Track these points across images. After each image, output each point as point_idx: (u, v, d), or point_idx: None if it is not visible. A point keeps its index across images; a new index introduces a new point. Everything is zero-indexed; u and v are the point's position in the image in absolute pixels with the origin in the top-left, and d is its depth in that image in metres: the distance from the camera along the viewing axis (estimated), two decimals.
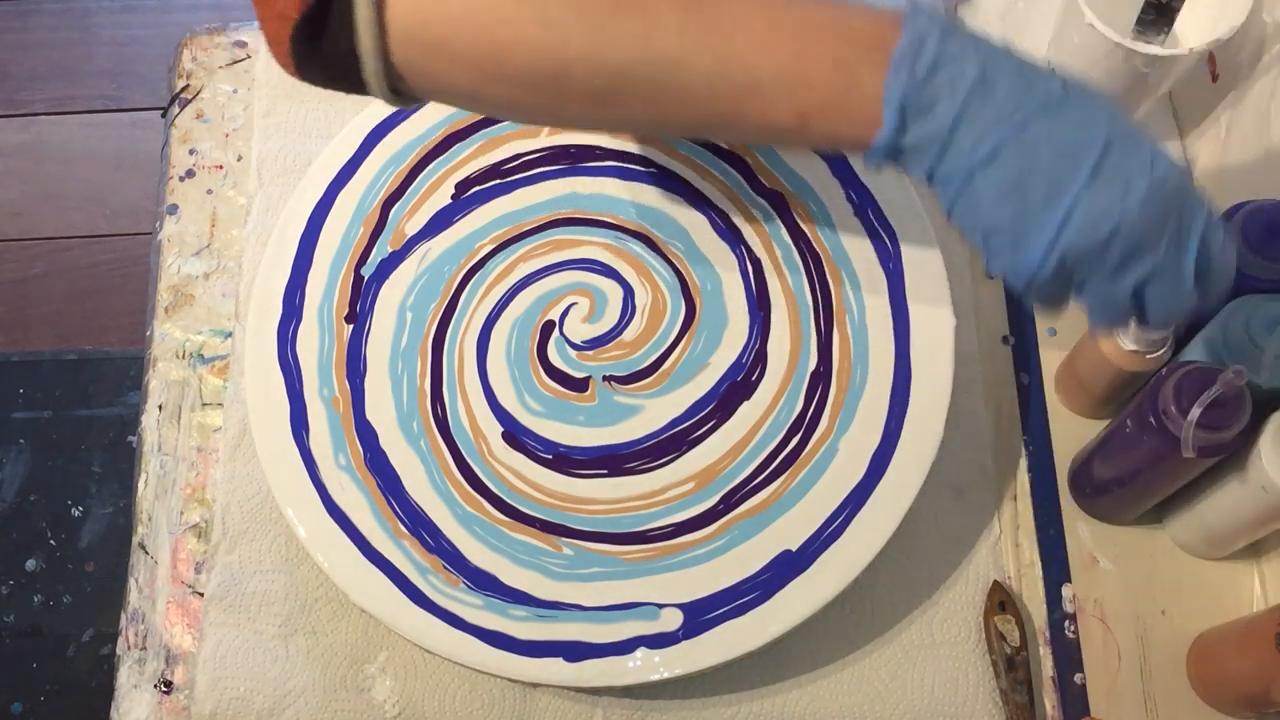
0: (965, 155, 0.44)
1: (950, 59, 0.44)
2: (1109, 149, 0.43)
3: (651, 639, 0.63)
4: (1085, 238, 0.43)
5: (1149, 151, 0.44)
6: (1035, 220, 0.44)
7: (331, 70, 0.48)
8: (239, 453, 0.72)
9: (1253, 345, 0.59)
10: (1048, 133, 0.43)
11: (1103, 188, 0.43)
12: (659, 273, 0.72)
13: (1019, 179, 0.44)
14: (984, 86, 0.44)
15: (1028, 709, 0.65)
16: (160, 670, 0.68)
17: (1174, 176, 0.44)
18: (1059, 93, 0.44)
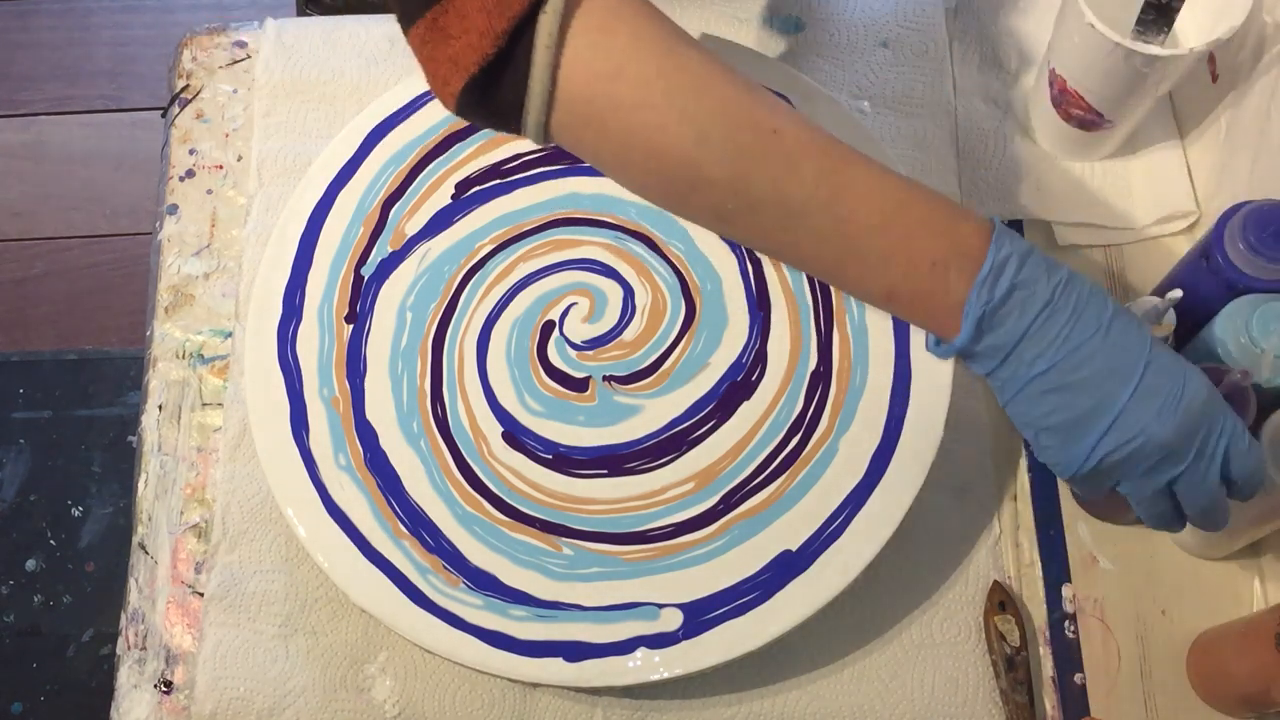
0: (1025, 366, 0.51)
1: (1024, 283, 0.50)
2: (1147, 371, 0.50)
3: (651, 639, 0.63)
4: (1123, 447, 0.50)
5: (1182, 373, 0.51)
6: (1081, 428, 0.51)
7: (493, 117, 0.51)
8: (239, 453, 0.72)
9: (1253, 345, 0.59)
10: (1097, 354, 0.50)
11: (1140, 405, 0.50)
12: (659, 273, 0.72)
13: (1068, 391, 0.51)
14: (1049, 311, 0.50)
15: (1028, 709, 0.65)
16: (160, 670, 0.68)
17: (1203, 396, 0.50)
18: (1108, 319, 0.50)
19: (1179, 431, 0.50)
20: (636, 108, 0.49)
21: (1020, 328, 0.50)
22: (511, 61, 0.48)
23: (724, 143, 0.50)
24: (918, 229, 0.51)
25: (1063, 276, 0.51)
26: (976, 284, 0.50)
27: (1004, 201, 0.76)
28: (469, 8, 0.47)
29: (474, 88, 0.49)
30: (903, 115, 0.79)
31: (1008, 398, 0.53)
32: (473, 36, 0.48)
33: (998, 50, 0.81)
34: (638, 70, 0.49)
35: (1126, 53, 0.65)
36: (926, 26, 0.82)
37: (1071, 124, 0.74)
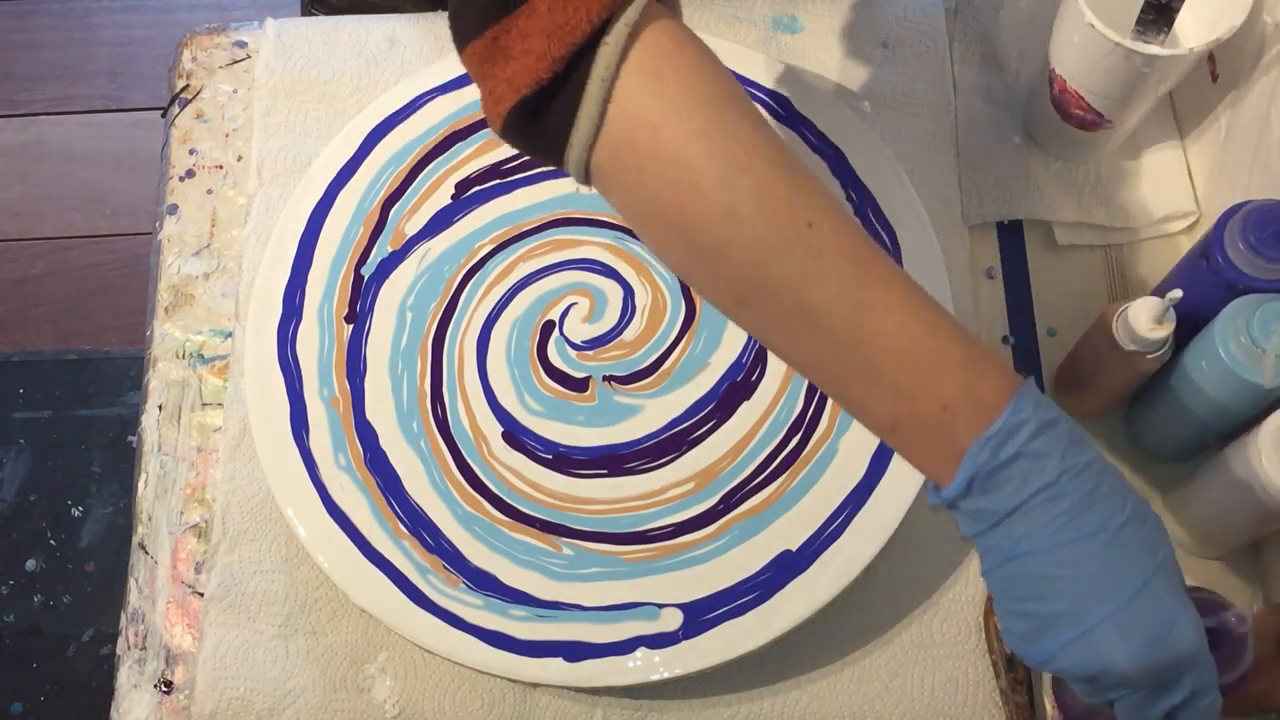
0: (1012, 542, 0.46)
1: (1033, 454, 0.45)
2: (1138, 596, 0.45)
3: (651, 639, 0.63)
4: (1080, 666, 0.46)
5: (1176, 612, 0.46)
6: (1046, 629, 0.46)
7: (537, 144, 0.49)
8: (239, 453, 0.72)
9: (1253, 345, 0.59)
10: (1086, 559, 0.45)
11: (1111, 632, 0.45)
12: (659, 273, 0.72)
13: (1044, 585, 0.46)
14: (1051, 493, 0.46)
15: (1028, 709, 0.65)
16: (160, 670, 0.68)
17: (1189, 645, 0.45)
18: (1118, 525, 0.46)
19: (1144, 673, 0.45)
20: (674, 162, 0.47)
21: (1014, 500, 0.46)
22: (566, 88, 0.47)
23: (754, 220, 0.47)
24: (937, 366, 0.47)
25: (1081, 462, 0.46)
26: (980, 439, 0.46)
27: (1004, 201, 0.76)
28: (531, 29, 0.46)
29: (523, 110, 0.47)
30: (903, 115, 0.79)
31: (986, 567, 0.49)
32: (530, 59, 0.46)
33: (998, 50, 0.81)
34: (683, 124, 0.47)
35: (1126, 53, 0.65)
36: (926, 26, 0.82)
37: (1071, 124, 0.74)
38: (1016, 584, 0.47)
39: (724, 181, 0.47)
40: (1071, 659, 0.46)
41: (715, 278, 0.50)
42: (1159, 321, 0.61)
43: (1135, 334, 0.62)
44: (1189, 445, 0.67)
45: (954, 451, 0.47)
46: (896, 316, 0.47)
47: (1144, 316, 0.61)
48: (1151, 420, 0.69)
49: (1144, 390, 0.69)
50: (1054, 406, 0.47)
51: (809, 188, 0.48)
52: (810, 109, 0.74)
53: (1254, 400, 0.60)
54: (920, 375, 0.47)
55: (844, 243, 0.47)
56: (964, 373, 0.47)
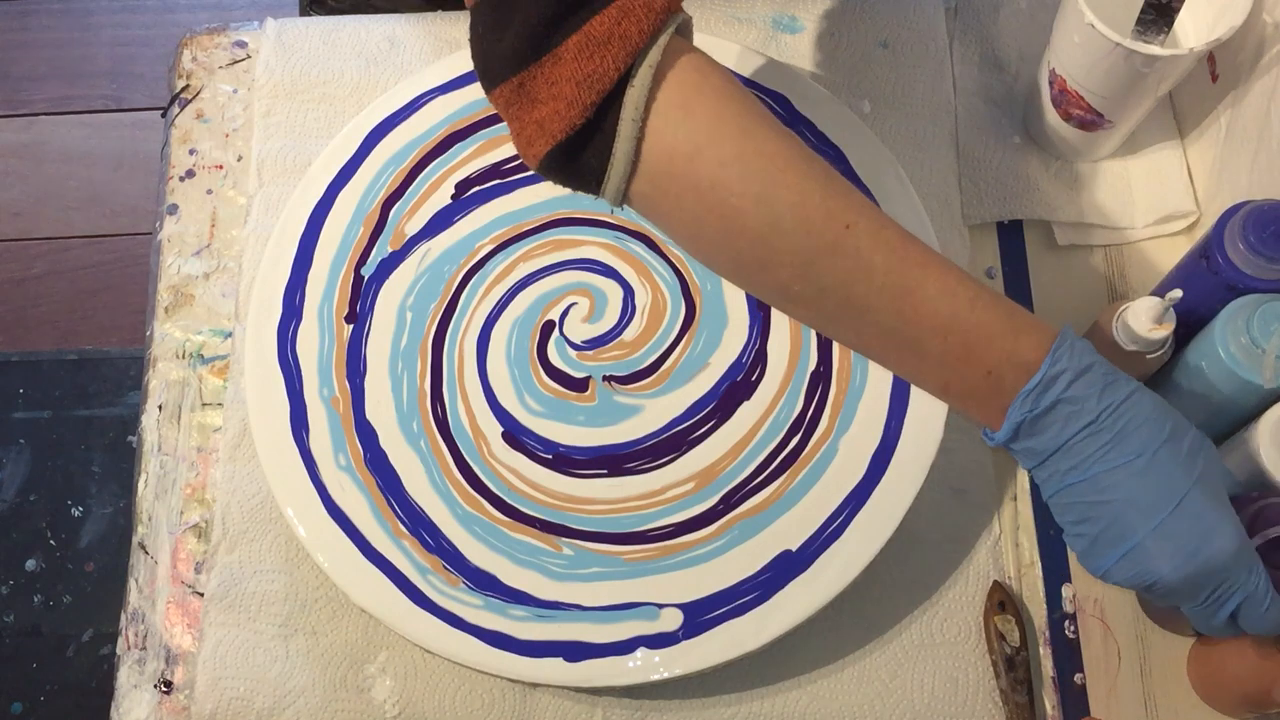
0: (1060, 475, 0.52)
1: (1072, 399, 0.51)
2: (1175, 512, 0.50)
3: (651, 639, 0.63)
4: (1133, 577, 0.52)
5: (1213, 522, 0.50)
6: (1099, 546, 0.52)
7: (574, 180, 0.52)
8: (239, 453, 0.72)
9: (1253, 345, 0.59)
10: (1125, 483, 0.51)
11: (1154, 546, 0.50)
12: (659, 273, 0.72)
13: (1092, 510, 0.52)
14: (1093, 429, 0.51)
15: (1028, 709, 0.65)
16: (160, 670, 0.68)
17: (1228, 551, 0.50)
18: (1154, 449, 0.51)
19: (1188, 582, 0.51)
20: (713, 188, 0.50)
21: (1059, 440, 0.51)
22: (599, 131, 0.49)
23: (796, 232, 0.50)
24: (979, 336, 0.51)
25: (1117, 399, 0.51)
26: (1021, 394, 0.51)
27: (1004, 201, 0.76)
28: (559, 75, 0.48)
29: (559, 153, 0.50)
30: (903, 115, 0.79)
31: (1046, 495, 0.54)
32: (560, 104, 0.49)
33: (998, 50, 0.81)
34: (715, 152, 0.50)
35: (1126, 53, 0.65)
36: (926, 26, 0.82)
37: (1071, 124, 0.74)
38: (1071, 509, 0.53)
39: (762, 199, 0.50)
40: (1123, 573, 0.52)
41: (763, 284, 0.53)
42: (1159, 322, 0.61)
43: (1135, 334, 0.62)
44: None
45: (1002, 407, 0.52)
46: (937, 297, 0.51)
47: (1143, 317, 0.61)
48: None
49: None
50: (1090, 352, 0.51)
51: (841, 189, 0.51)
52: (810, 109, 0.75)
53: (1254, 400, 0.60)
54: (965, 347, 0.51)
55: (881, 236, 0.51)
56: (1004, 338, 0.51)
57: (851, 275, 0.51)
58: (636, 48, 0.48)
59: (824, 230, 0.50)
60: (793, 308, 0.54)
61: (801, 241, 0.50)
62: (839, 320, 0.53)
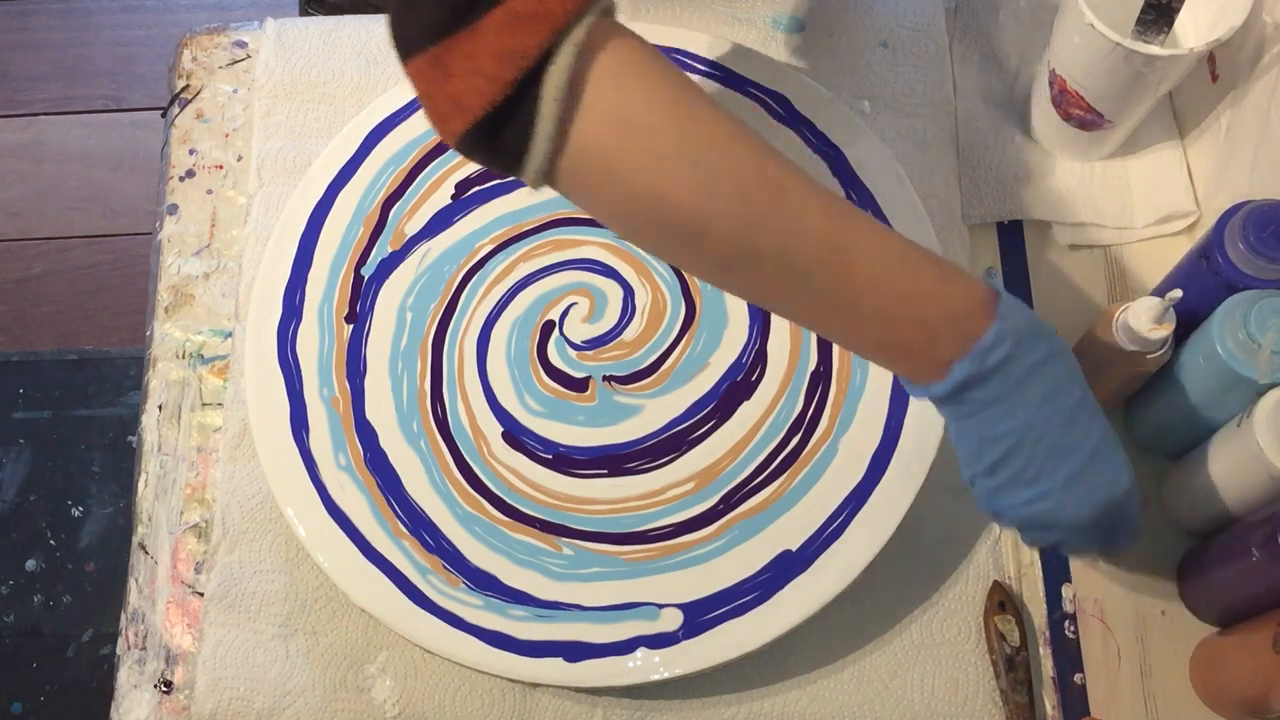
0: (987, 426, 0.53)
1: (1013, 359, 0.52)
2: (1089, 461, 0.53)
3: (651, 639, 0.63)
4: (1037, 517, 0.55)
5: (1116, 468, 0.54)
6: (1012, 489, 0.54)
7: (493, 158, 0.51)
8: (239, 453, 0.72)
9: (1250, 341, 0.59)
10: (1048, 434, 0.53)
11: (1068, 491, 0.53)
12: (659, 273, 0.72)
13: (1013, 456, 0.53)
14: (1021, 388, 0.52)
15: (1028, 709, 0.65)
16: (160, 670, 0.68)
17: (1123, 489, 0.54)
18: (1071, 405, 0.53)
19: (1092, 519, 0.54)
20: (646, 157, 0.50)
21: (994, 395, 0.52)
22: (519, 109, 0.48)
23: (732, 197, 0.50)
24: (912, 290, 0.52)
25: (1043, 355, 0.53)
26: (971, 354, 0.51)
27: (1004, 201, 0.76)
28: (477, 50, 0.47)
29: (478, 131, 0.49)
30: (903, 115, 0.79)
31: (959, 442, 0.55)
32: (479, 80, 0.48)
33: (998, 50, 0.81)
34: (649, 121, 0.49)
35: (1126, 53, 0.65)
36: (926, 26, 0.82)
37: (1071, 124, 0.74)
38: (986, 455, 0.54)
39: (699, 165, 0.49)
40: (1030, 511, 0.54)
41: (698, 254, 0.53)
42: (1159, 322, 0.61)
43: (1135, 334, 0.62)
44: (1186, 440, 0.67)
45: (935, 362, 0.52)
46: (871, 254, 0.51)
47: (1144, 317, 0.61)
48: (1149, 415, 0.69)
49: (1142, 386, 0.69)
50: (1024, 308, 0.53)
51: (771, 153, 0.51)
52: (810, 109, 0.75)
53: (1249, 395, 0.60)
54: (899, 301, 0.52)
55: (814, 197, 0.51)
56: (938, 294, 0.52)
57: (787, 238, 0.51)
58: (560, 25, 0.47)
59: (759, 194, 0.50)
60: (727, 278, 0.54)
61: (737, 207, 0.50)
62: (775, 286, 0.53)
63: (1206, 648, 0.65)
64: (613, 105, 0.49)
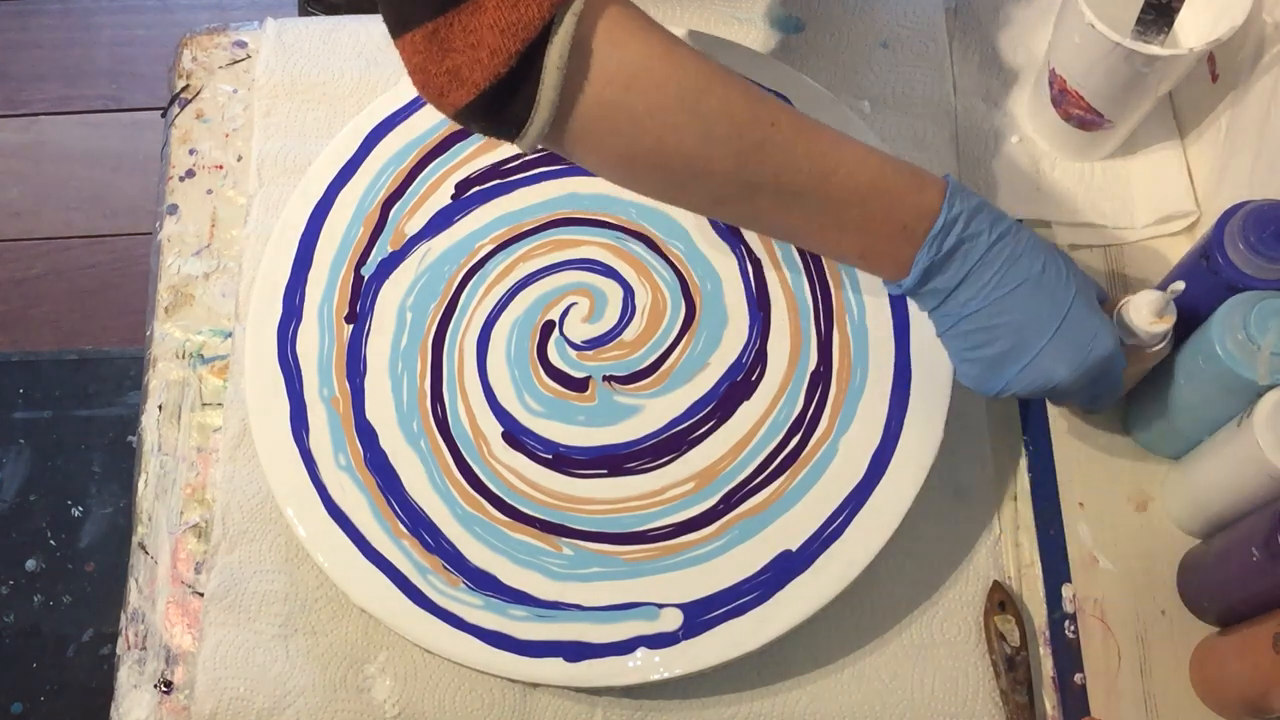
0: (959, 306, 0.59)
1: (969, 237, 0.57)
2: (1064, 323, 0.58)
3: (651, 639, 0.63)
4: (1029, 385, 0.59)
5: (1094, 327, 0.59)
6: (998, 365, 0.60)
7: (493, 127, 0.53)
8: (239, 453, 0.72)
9: (1250, 342, 0.59)
10: (1020, 304, 0.58)
11: (1051, 354, 0.58)
12: (659, 273, 0.72)
13: (991, 333, 0.59)
14: (985, 262, 0.58)
15: (1028, 709, 0.65)
16: (160, 670, 0.68)
17: (1107, 350, 0.59)
18: (1037, 272, 0.58)
19: (1076, 378, 0.59)
20: (651, 111, 0.52)
21: (959, 276, 0.58)
22: (522, 79, 0.50)
23: (729, 138, 0.54)
24: (892, 198, 0.56)
25: (1002, 230, 0.58)
26: (927, 241, 0.57)
27: (1004, 202, 0.76)
28: (479, 24, 0.49)
29: (481, 102, 0.51)
30: (903, 115, 0.79)
31: (941, 331, 0.61)
32: (482, 53, 0.49)
33: (998, 50, 0.81)
34: (650, 78, 0.52)
35: (1126, 53, 0.65)
36: (926, 26, 0.82)
37: (1071, 124, 0.74)
38: (968, 338, 0.59)
39: (696, 112, 0.53)
40: (1022, 383, 0.59)
41: (695, 192, 0.57)
42: (1160, 315, 0.61)
43: (1136, 328, 0.62)
44: (1186, 440, 0.67)
45: (908, 258, 0.58)
46: (855, 172, 0.56)
47: (1145, 310, 0.61)
48: (1149, 415, 0.69)
49: (1142, 385, 0.69)
50: (974, 193, 0.58)
51: (760, 94, 0.55)
52: (810, 109, 0.74)
53: (1249, 396, 0.60)
54: (882, 209, 0.57)
55: (801, 127, 0.55)
56: (912, 193, 0.57)
57: (780, 168, 0.55)
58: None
59: (753, 131, 0.54)
60: (720, 209, 0.58)
61: (733, 146, 0.54)
62: (768, 212, 0.57)
63: (1206, 648, 0.65)
64: (614, 67, 0.51)
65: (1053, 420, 0.72)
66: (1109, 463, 0.70)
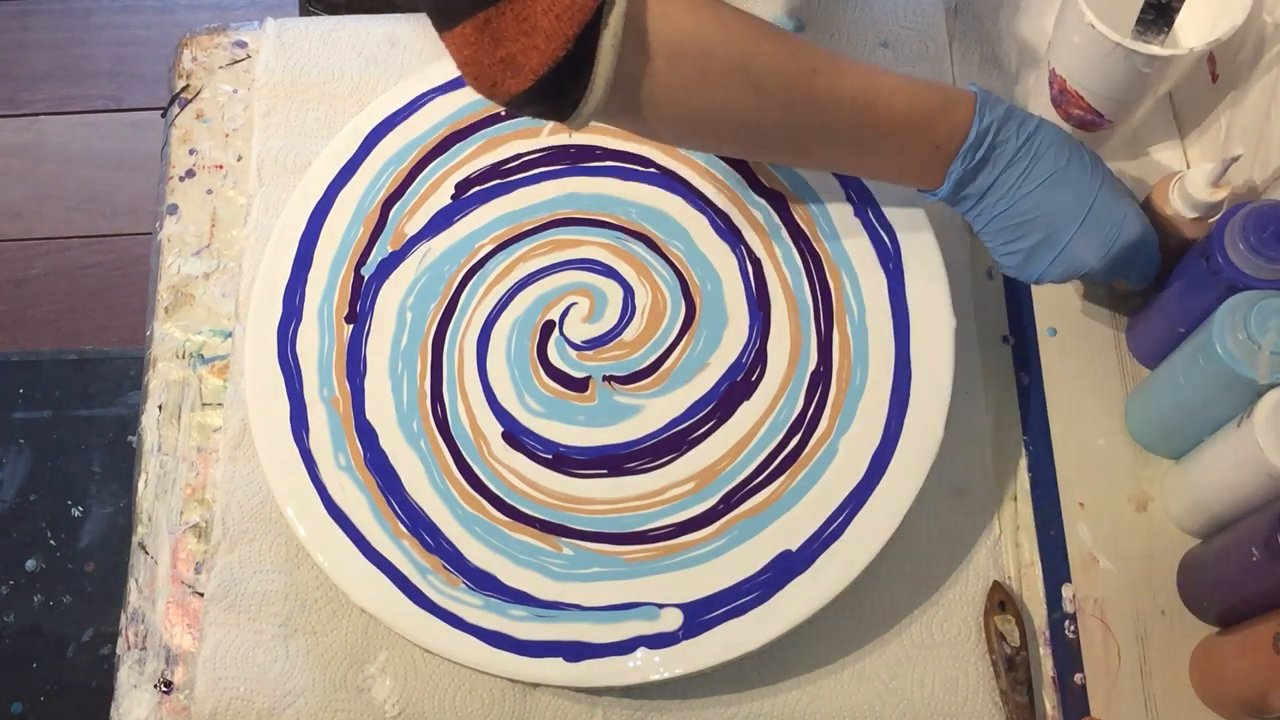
0: (990, 207, 0.63)
1: (998, 145, 0.61)
2: (1090, 212, 0.62)
3: (651, 639, 0.63)
4: (1065, 272, 0.64)
5: (1122, 212, 0.63)
6: (1033, 257, 0.64)
7: (548, 111, 0.53)
8: (239, 453, 0.72)
9: (1250, 341, 0.59)
10: (1048, 199, 0.62)
11: (1081, 242, 0.62)
12: (659, 273, 0.72)
13: (1023, 229, 0.63)
14: (1013, 165, 0.62)
15: (1028, 709, 0.65)
16: (160, 670, 0.68)
17: (1136, 233, 0.63)
18: (1062, 166, 0.62)
19: (1110, 263, 0.63)
20: (704, 77, 0.54)
21: (989, 180, 0.62)
22: (578, 61, 0.51)
23: (778, 91, 0.57)
24: (926, 122, 0.60)
25: (1029, 133, 0.61)
26: (961, 153, 0.61)
27: None
28: (532, 11, 0.49)
29: (539, 88, 0.51)
30: None
31: (978, 229, 0.65)
32: (539, 39, 0.50)
33: (998, 50, 0.81)
34: (701, 45, 0.54)
35: (1126, 53, 0.65)
36: (926, 26, 0.82)
37: (1071, 124, 0.74)
38: (1005, 232, 0.64)
39: (747, 72, 0.55)
40: (1057, 271, 0.64)
41: (746, 142, 0.60)
42: (1216, 184, 0.63)
43: (1194, 199, 0.64)
44: (1186, 440, 0.67)
45: (945, 170, 0.62)
46: (891, 103, 0.59)
47: (1200, 182, 0.64)
48: (1149, 414, 0.69)
49: (1142, 385, 0.69)
50: (1000, 100, 0.62)
51: (798, 42, 0.58)
52: None
53: (1249, 396, 0.60)
54: (916, 135, 0.60)
55: (838, 69, 0.58)
56: (942, 114, 0.60)
57: (826, 109, 0.58)
58: None
59: (798, 81, 0.57)
60: (769, 154, 0.63)
61: (783, 98, 0.57)
62: (814, 149, 0.61)
63: (1206, 648, 0.65)
64: (665, 37, 0.53)
65: (1053, 420, 0.72)
66: (1109, 463, 0.70)
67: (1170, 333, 0.67)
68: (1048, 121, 0.63)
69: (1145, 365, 0.72)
